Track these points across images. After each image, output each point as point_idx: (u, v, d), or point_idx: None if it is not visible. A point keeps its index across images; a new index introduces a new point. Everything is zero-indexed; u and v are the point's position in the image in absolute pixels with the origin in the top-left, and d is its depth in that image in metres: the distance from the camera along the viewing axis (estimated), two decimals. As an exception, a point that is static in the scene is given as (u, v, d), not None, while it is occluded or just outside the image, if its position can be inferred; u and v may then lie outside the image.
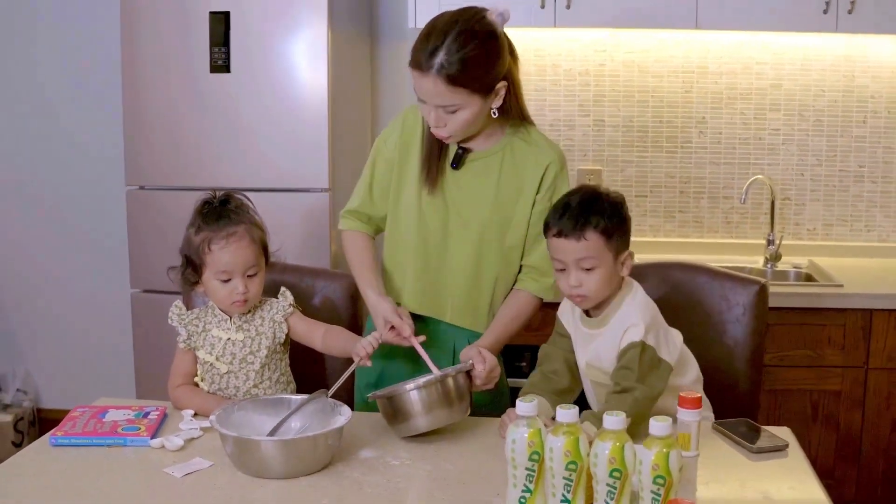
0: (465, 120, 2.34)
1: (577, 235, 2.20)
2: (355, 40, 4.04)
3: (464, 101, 2.31)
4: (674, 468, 1.60)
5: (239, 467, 2.03)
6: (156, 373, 3.78)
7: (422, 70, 2.28)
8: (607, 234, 2.21)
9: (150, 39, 3.73)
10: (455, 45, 2.25)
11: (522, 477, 1.70)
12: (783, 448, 2.19)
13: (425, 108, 2.35)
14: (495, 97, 2.37)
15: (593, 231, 2.20)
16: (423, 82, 2.29)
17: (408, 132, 2.53)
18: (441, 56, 2.25)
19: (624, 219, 2.26)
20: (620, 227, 2.24)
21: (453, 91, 2.28)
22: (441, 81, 2.26)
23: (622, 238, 2.25)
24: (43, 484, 2.00)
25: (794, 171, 4.10)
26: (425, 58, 2.27)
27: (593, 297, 2.25)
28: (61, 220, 4.57)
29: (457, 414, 2.23)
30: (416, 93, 2.34)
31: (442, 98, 2.29)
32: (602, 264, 2.21)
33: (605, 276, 2.22)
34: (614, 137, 4.14)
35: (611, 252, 2.22)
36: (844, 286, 3.56)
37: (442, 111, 2.32)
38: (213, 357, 2.37)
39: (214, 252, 2.33)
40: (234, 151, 3.72)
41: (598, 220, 2.20)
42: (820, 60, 4.02)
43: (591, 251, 2.21)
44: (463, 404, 2.24)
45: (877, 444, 3.56)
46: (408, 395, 2.18)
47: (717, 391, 2.56)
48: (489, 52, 2.31)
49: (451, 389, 2.21)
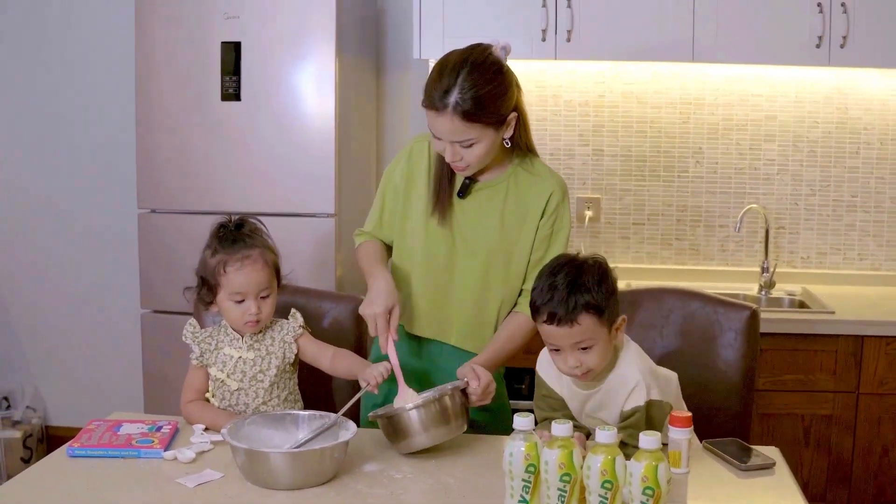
0: (481, 152, 2.42)
1: (569, 322, 2.17)
2: (362, 70, 4.14)
3: (479, 135, 2.39)
4: (662, 480, 1.68)
5: (249, 478, 2.12)
6: (164, 392, 3.88)
7: (437, 109, 2.36)
8: (599, 312, 2.18)
9: (164, 68, 3.83)
10: (468, 82, 2.34)
11: (519, 488, 1.79)
12: (771, 466, 2.27)
13: (440, 144, 2.43)
14: (507, 128, 2.46)
15: (585, 314, 2.17)
16: (440, 121, 2.37)
17: (414, 163, 2.61)
18: (455, 94, 2.33)
19: (612, 289, 2.22)
20: (609, 299, 2.20)
21: (469, 127, 2.36)
22: (457, 118, 2.34)
23: (613, 308, 2.22)
24: (62, 492, 2.08)
25: (789, 201, 4.19)
26: (439, 97, 2.34)
27: (596, 370, 2.23)
28: (74, 241, 4.65)
29: (454, 430, 2.30)
30: (431, 131, 2.42)
31: (458, 134, 2.37)
32: (598, 341, 2.20)
33: (602, 350, 2.21)
34: (613, 166, 4.23)
35: (605, 327, 2.20)
36: (836, 313, 3.62)
37: (458, 146, 2.40)
38: (225, 374, 2.45)
39: (229, 274, 2.41)
40: (244, 177, 3.81)
41: (588, 300, 2.17)
42: (813, 93, 4.11)
43: (585, 334, 2.18)
44: (460, 421, 2.31)
45: (868, 467, 3.62)
46: (407, 415, 2.26)
47: (710, 413, 2.63)
48: (500, 87, 2.40)
49: (448, 407, 2.29)
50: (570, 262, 2.26)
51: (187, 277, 2.62)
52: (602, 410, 2.29)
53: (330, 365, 2.49)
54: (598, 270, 2.23)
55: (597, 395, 2.28)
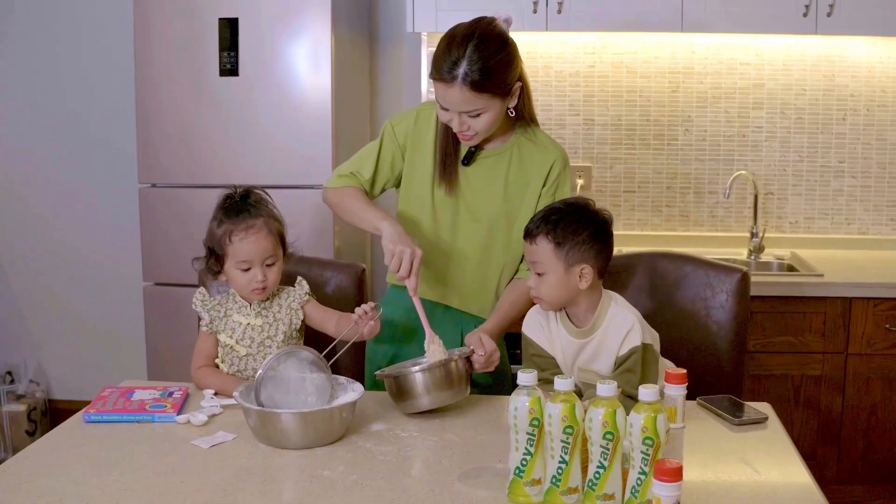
0: (488, 122, 2.49)
1: (530, 239, 2.33)
2: (357, 44, 4.18)
3: (486, 105, 2.45)
4: (661, 430, 1.75)
5: (261, 439, 2.19)
6: (167, 363, 3.94)
7: (446, 81, 2.42)
8: (557, 243, 2.29)
9: (162, 45, 3.87)
10: (476, 54, 2.40)
11: (524, 441, 1.86)
12: (763, 420, 2.35)
13: (447, 114, 2.49)
14: (512, 98, 2.53)
15: (543, 237, 2.30)
16: (449, 92, 2.43)
17: (420, 127, 2.67)
18: (464, 66, 2.39)
19: (586, 237, 2.30)
20: (574, 241, 2.29)
21: (477, 97, 2.43)
22: (466, 89, 2.40)
23: (578, 252, 2.29)
24: (81, 455, 2.15)
25: (777, 167, 4.27)
26: (448, 69, 2.41)
27: (546, 300, 2.34)
28: (76, 216, 4.70)
29: (457, 395, 2.38)
30: (439, 102, 2.48)
31: (466, 105, 2.44)
32: (551, 270, 2.30)
33: (554, 282, 2.31)
34: (604, 136, 4.30)
35: (560, 262, 2.29)
36: (825, 276, 3.70)
37: (466, 116, 2.46)
38: (234, 340, 2.52)
39: (235, 243, 2.48)
40: (242, 150, 3.86)
41: (550, 230, 2.29)
42: (801, 61, 4.18)
43: (536, 255, 2.31)
44: (462, 386, 2.39)
45: (856, 426, 3.72)
46: (413, 377, 2.34)
47: (703, 372, 2.71)
48: (507, 57, 2.46)
49: (453, 373, 2.36)
50: (578, 201, 2.40)
51: (188, 250, 2.68)
52: (595, 361, 2.36)
53: (336, 329, 2.55)
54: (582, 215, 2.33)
55: (591, 344, 2.35)
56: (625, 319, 2.33)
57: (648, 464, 1.75)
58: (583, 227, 2.31)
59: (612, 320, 2.35)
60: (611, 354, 2.34)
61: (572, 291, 2.33)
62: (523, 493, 1.87)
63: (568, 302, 2.36)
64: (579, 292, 2.33)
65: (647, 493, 1.75)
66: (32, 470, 2.07)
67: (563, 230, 2.30)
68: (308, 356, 2.32)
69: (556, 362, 2.42)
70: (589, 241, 2.31)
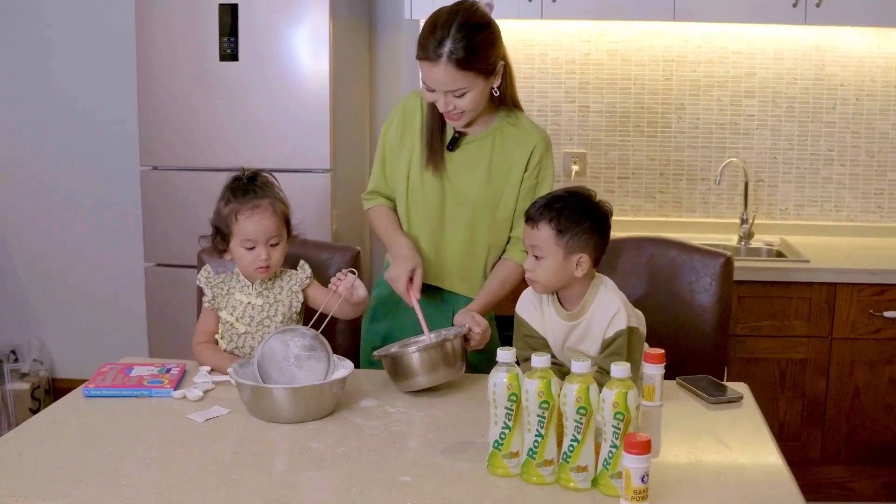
0: (473, 100, 2.57)
1: (532, 223, 2.38)
2: (355, 30, 4.25)
3: (471, 84, 2.54)
4: (632, 406, 1.84)
5: (254, 413, 2.27)
6: (168, 343, 4.02)
7: (431, 60, 2.51)
8: (560, 231, 2.34)
9: (163, 30, 3.93)
10: (460, 33, 2.49)
11: (502, 416, 1.95)
12: (738, 400, 2.43)
13: (433, 95, 2.57)
14: (496, 77, 2.61)
15: (546, 224, 2.35)
16: (434, 71, 2.52)
17: (408, 117, 2.76)
18: (449, 44, 2.48)
19: (587, 227, 2.35)
20: (575, 230, 2.34)
21: (462, 75, 2.51)
22: (451, 67, 2.49)
23: (579, 241, 2.35)
24: (80, 428, 2.24)
25: (768, 155, 4.33)
26: (434, 48, 2.49)
27: (541, 283, 2.40)
28: (79, 198, 4.76)
29: (454, 373, 2.47)
30: (425, 82, 2.56)
31: (452, 83, 2.52)
32: (550, 256, 2.35)
33: (551, 267, 2.36)
34: (598, 122, 4.36)
35: (560, 249, 2.34)
36: (811, 262, 3.77)
37: (451, 96, 2.55)
38: (234, 318, 2.60)
39: (241, 221, 2.55)
40: (242, 134, 3.93)
41: (554, 217, 2.34)
42: (792, 50, 4.23)
43: (537, 240, 2.36)
44: (459, 364, 2.48)
45: (840, 408, 3.79)
46: (411, 356, 2.42)
47: (687, 354, 2.79)
48: (490, 36, 2.56)
49: (449, 352, 2.45)
50: (579, 191, 2.44)
51: (189, 231, 2.76)
52: (584, 342, 2.43)
53: (338, 310, 2.60)
54: (583, 205, 2.39)
55: (580, 326, 2.42)
56: (611, 303, 2.39)
57: (619, 437, 1.84)
58: (585, 217, 2.37)
59: (599, 304, 2.41)
60: (598, 337, 2.40)
61: (567, 277, 2.39)
62: (502, 465, 1.96)
63: (561, 286, 2.43)
64: (574, 279, 2.39)
65: (618, 466, 1.84)
66: (33, 442, 2.16)
67: (566, 219, 2.35)
68: (306, 332, 2.41)
69: (546, 343, 2.49)
70: (590, 231, 2.37)
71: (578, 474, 1.89)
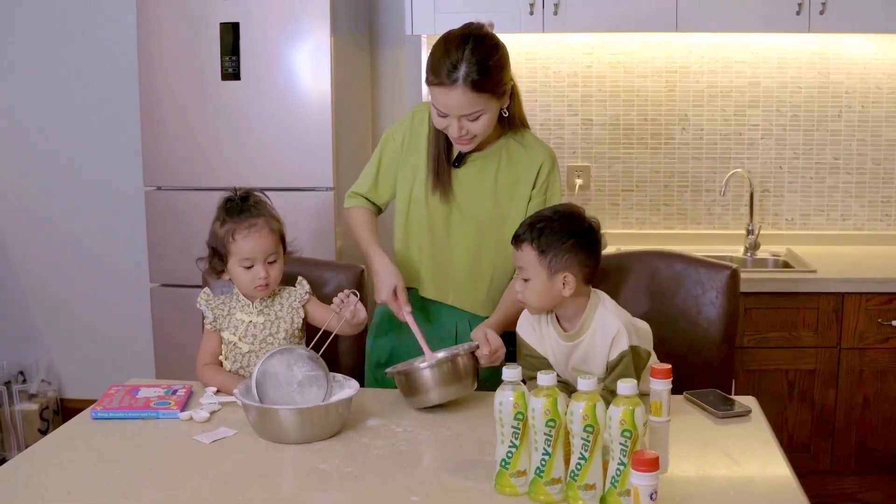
0: (486, 123, 2.56)
1: (517, 244, 2.39)
2: (356, 47, 4.25)
3: (485, 106, 2.53)
4: (639, 423, 1.82)
5: (260, 434, 2.27)
6: (174, 363, 4.02)
7: (446, 85, 2.49)
8: (541, 251, 2.35)
9: (165, 49, 3.93)
10: (475, 56, 2.47)
11: (509, 434, 1.94)
12: (746, 414, 2.41)
13: (445, 121, 2.55)
14: (507, 98, 2.61)
15: (528, 244, 2.36)
16: (449, 96, 2.50)
17: (416, 129, 2.75)
18: (464, 67, 2.46)
19: (570, 245, 2.35)
20: (558, 250, 2.34)
21: (478, 98, 2.50)
22: (468, 90, 2.48)
23: (561, 260, 2.34)
24: (88, 450, 2.24)
25: (773, 164, 4.31)
26: (448, 72, 2.47)
27: (531, 305, 2.41)
28: (85, 219, 4.76)
29: (465, 389, 2.47)
30: (438, 108, 2.54)
31: (468, 107, 2.51)
32: (535, 277, 2.36)
33: (537, 288, 2.37)
34: (602, 135, 4.35)
35: (543, 269, 2.35)
36: (818, 271, 3.75)
37: (465, 120, 2.53)
38: (237, 337, 2.60)
39: (238, 241, 2.56)
40: (245, 153, 3.93)
41: (535, 237, 2.35)
42: (796, 58, 4.22)
43: (522, 261, 2.38)
44: (469, 380, 2.48)
45: (849, 419, 3.76)
46: (422, 372, 2.42)
47: (694, 367, 2.77)
48: (502, 58, 2.55)
49: (460, 368, 2.45)
50: (567, 209, 2.45)
51: (194, 251, 2.75)
52: (587, 363, 2.42)
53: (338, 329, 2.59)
54: (569, 223, 2.39)
55: (580, 346, 2.41)
56: (611, 324, 2.38)
57: (627, 455, 1.82)
58: (568, 235, 2.36)
59: (598, 324, 2.40)
60: (601, 358, 2.39)
61: (556, 298, 2.39)
62: (509, 484, 1.95)
63: (553, 307, 2.42)
64: (564, 298, 2.39)
65: (626, 483, 1.83)
66: (40, 465, 2.16)
67: (547, 238, 2.35)
68: (303, 353, 2.40)
69: (548, 363, 2.48)
70: (573, 249, 2.36)
71: (587, 492, 1.88)
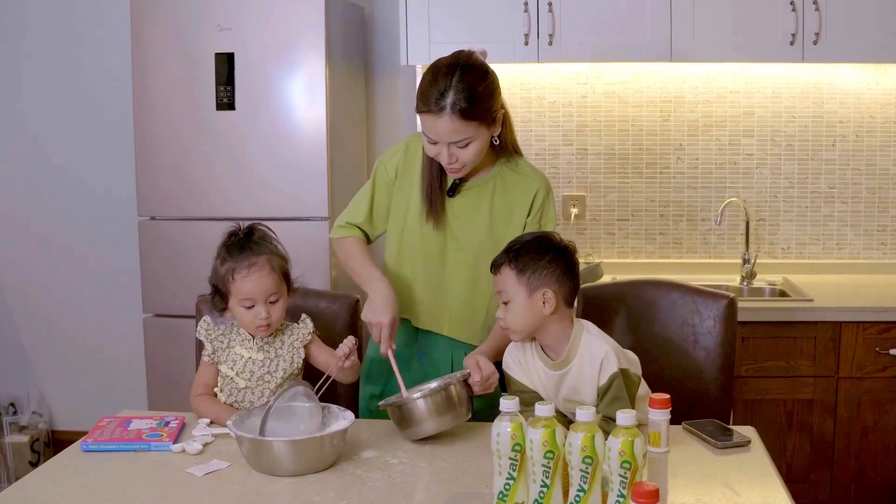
0: (476, 151, 2.55)
1: (495, 270, 2.41)
2: (351, 77, 4.25)
3: (474, 134, 2.52)
4: (638, 454, 1.80)
5: (254, 466, 2.24)
6: (167, 394, 3.99)
7: (433, 112, 2.48)
8: (519, 270, 2.36)
9: (160, 79, 3.93)
10: (462, 83, 2.47)
11: (507, 466, 1.91)
12: (746, 444, 2.39)
13: (435, 148, 2.54)
14: (496, 126, 2.60)
15: (506, 266, 2.38)
16: (438, 123, 2.49)
17: (411, 159, 2.73)
18: (451, 95, 2.46)
19: (546, 261, 2.37)
20: (535, 267, 2.36)
21: (466, 125, 2.49)
22: (456, 118, 2.47)
23: (539, 277, 2.36)
24: (78, 484, 2.20)
25: (768, 194, 4.31)
26: (436, 100, 2.47)
27: (514, 329, 2.40)
28: (77, 249, 4.75)
29: (459, 418, 2.44)
30: (427, 135, 2.53)
31: (456, 134, 2.50)
32: (515, 297, 2.37)
33: (518, 309, 2.37)
34: (597, 165, 4.35)
35: (522, 287, 2.36)
36: (815, 301, 3.74)
37: (454, 147, 2.52)
38: (234, 372, 2.56)
39: (238, 281, 2.51)
40: (240, 183, 3.92)
41: (513, 258, 2.38)
42: (790, 88, 4.23)
43: (501, 285, 2.39)
44: (463, 409, 2.45)
45: (848, 448, 3.74)
46: (414, 404, 2.40)
47: (692, 397, 2.76)
48: (491, 85, 2.54)
49: (453, 396, 2.43)
50: (542, 236, 2.48)
51: (187, 281, 2.74)
52: (579, 392, 2.39)
53: (338, 373, 2.56)
54: (543, 245, 2.41)
55: (569, 375, 2.39)
56: (598, 348, 2.37)
57: (626, 486, 1.80)
58: (544, 250, 2.39)
59: (585, 350, 2.38)
60: (591, 385, 2.37)
61: (538, 318, 2.37)
62: (507, 517, 1.92)
63: (536, 329, 2.40)
64: (545, 319, 2.37)
65: (626, 516, 1.80)
66: (31, 497, 2.12)
67: (524, 257, 2.37)
68: (300, 389, 2.38)
69: (539, 396, 2.45)
70: (550, 265, 2.37)
71: (585, 525, 1.85)
